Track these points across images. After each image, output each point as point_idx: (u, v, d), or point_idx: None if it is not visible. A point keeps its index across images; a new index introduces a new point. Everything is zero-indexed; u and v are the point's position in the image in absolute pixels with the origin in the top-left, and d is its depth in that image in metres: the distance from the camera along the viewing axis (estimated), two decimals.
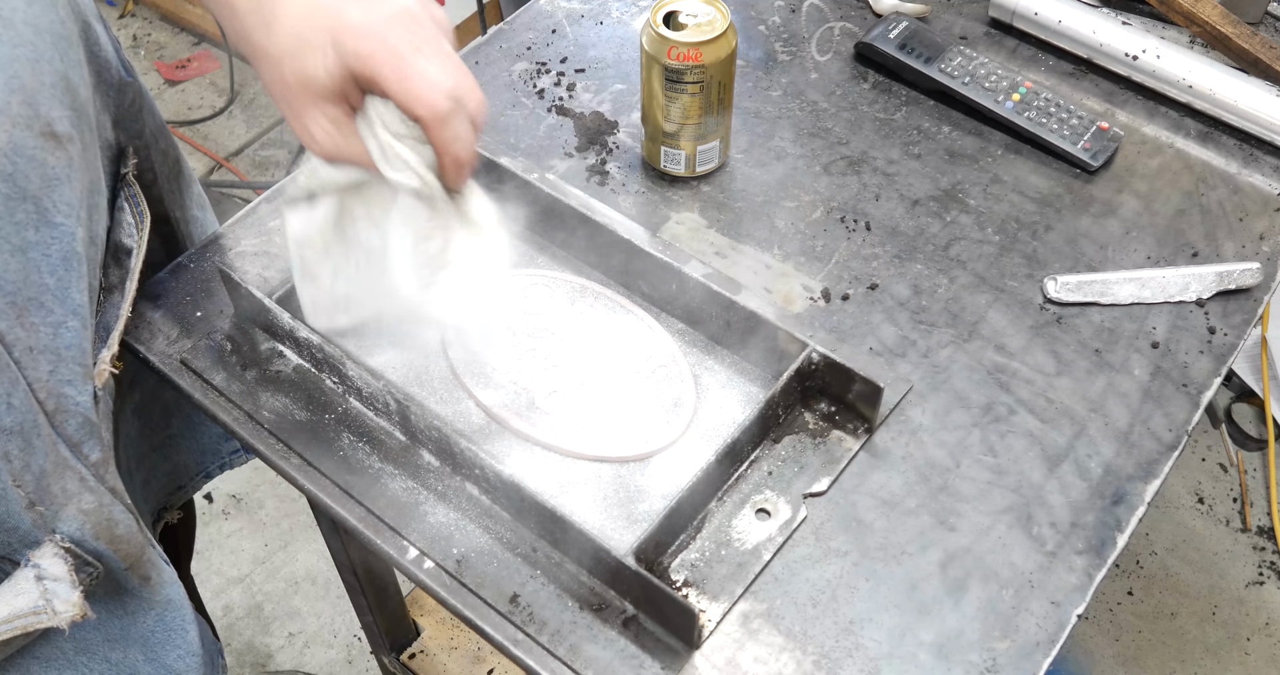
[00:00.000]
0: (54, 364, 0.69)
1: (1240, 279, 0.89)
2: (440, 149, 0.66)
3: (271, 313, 0.80)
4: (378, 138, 0.66)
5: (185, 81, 2.53)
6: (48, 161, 0.67)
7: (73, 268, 0.70)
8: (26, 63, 0.65)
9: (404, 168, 0.67)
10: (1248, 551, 1.79)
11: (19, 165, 0.64)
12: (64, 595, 0.69)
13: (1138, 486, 0.78)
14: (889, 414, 0.81)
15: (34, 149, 0.65)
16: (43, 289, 0.68)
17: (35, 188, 0.66)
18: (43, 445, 0.68)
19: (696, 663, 0.70)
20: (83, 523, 0.71)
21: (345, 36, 0.63)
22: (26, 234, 0.66)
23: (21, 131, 0.64)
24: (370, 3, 0.64)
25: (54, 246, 0.68)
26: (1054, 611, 0.73)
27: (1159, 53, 1.00)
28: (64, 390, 0.70)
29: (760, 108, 1.01)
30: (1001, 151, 0.98)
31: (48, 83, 0.67)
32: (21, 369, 0.66)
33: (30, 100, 0.65)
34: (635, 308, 0.86)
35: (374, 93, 0.65)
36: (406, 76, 0.63)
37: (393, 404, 0.77)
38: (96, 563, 0.73)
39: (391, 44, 0.63)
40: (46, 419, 0.68)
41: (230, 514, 1.85)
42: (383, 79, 0.63)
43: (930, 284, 0.89)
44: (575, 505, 0.76)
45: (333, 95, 0.65)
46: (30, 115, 0.65)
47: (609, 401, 0.82)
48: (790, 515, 0.76)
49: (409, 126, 0.65)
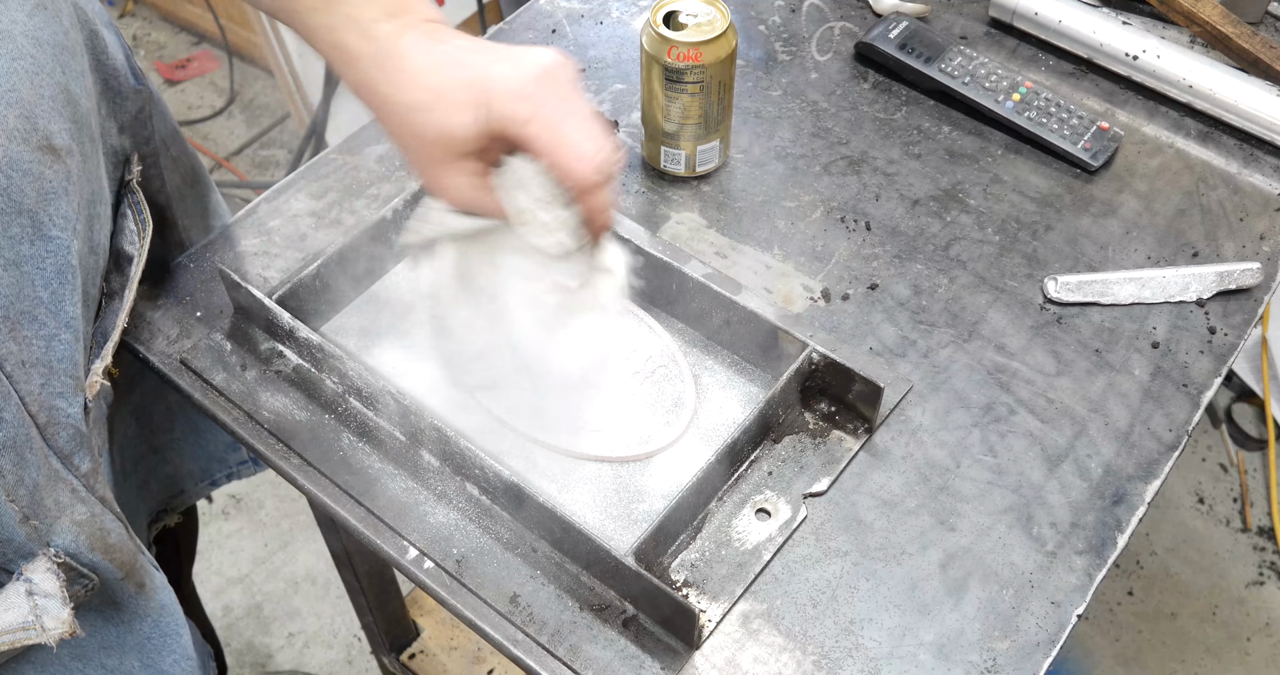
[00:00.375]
0: (46, 377, 0.68)
1: (1240, 279, 0.89)
2: (588, 216, 0.67)
3: (271, 313, 0.80)
4: (516, 202, 0.66)
5: (185, 81, 2.53)
6: (44, 175, 0.66)
7: (67, 281, 0.69)
8: (25, 75, 0.65)
9: (546, 234, 0.67)
10: (1248, 551, 1.79)
11: (14, 179, 0.64)
12: (54, 612, 0.69)
13: (1138, 486, 0.78)
14: (889, 414, 0.81)
15: (30, 163, 0.65)
16: (36, 303, 0.67)
17: (31, 202, 0.65)
18: (35, 459, 0.68)
19: (696, 663, 0.70)
20: (77, 534, 0.71)
21: (496, 98, 0.63)
22: (21, 248, 0.65)
23: (18, 145, 0.64)
24: (513, 58, 0.64)
25: (49, 260, 0.68)
26: (1054, 611, 0.73)
27: (1159, 53, 1.00)
28: (55, 403, 0.69)
29: (760, 108, 1.01)
30: (1001, 151, 0.98)
31: (47, 95, 0.67)
32: (14, 383, 0.66)
33: (28, 113, 0.65)
34: (635, 307, 0.86)
35: (517, 151, 0.65)
36: (560, 146, 0.63)
37: (393, 404, 0.77)
38: (92, 575, 0.73)
39: (546, 113, 0.63)
40: (38, 432, 0.68)
41: (230, 514, 1.85)
42: (537, 147, 0.63)
43: (930, 284, 0.89)
44: (575, 505, 0.76)
45: (474, 152, 0.65)
46: (28, 129, 0.65)
47: (609, 401, 0.82)
48: (790, 515, 0.76)
49: (553, 191, 0.66)
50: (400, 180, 0.95)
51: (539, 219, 0.67)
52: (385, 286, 0.88)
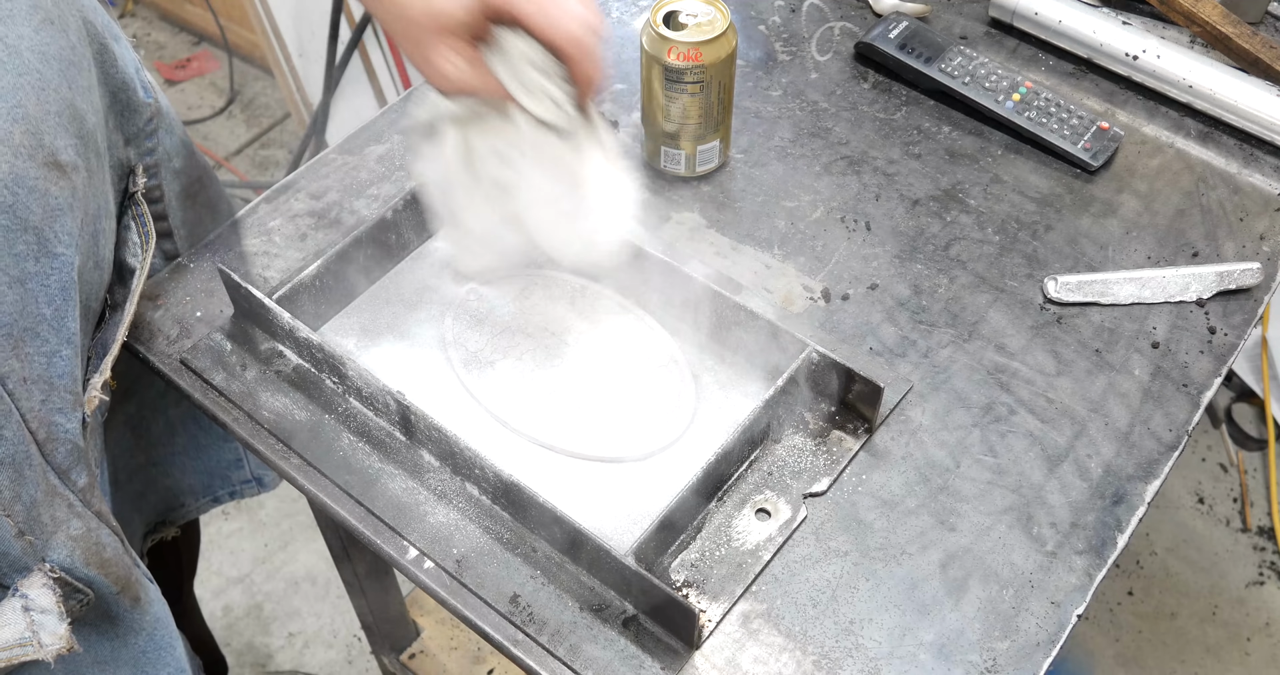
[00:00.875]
0: (46, 393, 0.68)
1: (1240, 279, 0.89)
2: (583, 79, 0.68)
3: (271, 313, 0.80)
4: (517, 72, 0.68)
5: (185, 81, 2.53)
6: (50, 192, 0.66)
7: (70, 297, 0.69)
8: (32, 92, 0.64)
9: (547, 100, 0.69)
10: (1248, 551, 1.79)
11: (20, 196, 0.63)
12: (51, 628, 0.68)
13: (1138, 486, 0.78)
14: (889, 414, 0.81)
15: (36, 179, 0.64)
16: (39, 320, 0.67)
17: (37, 219, 0.65)
18: (33, 475, 0.67)
19: (696, 663, 0.70)
20: (72, 549, 0.71)
21: None
22: (26, 265, 0.65)
23: (24, 162, 0.64)
24: None
25: (53, 277, 0.67)
26: (1054, 611, 0.73)
27: (1159, 53, 1.00)
28: (54, 419, 0.69)
29: (760, 108, 1.01)
30: (1001, 151, 0.98)
31: (53, 111, 0.66)
32: (15, 401, 0.65)
33: (34, 130, 0.64)
34: (635, 307, 0.86)
35: (507, 26, 0.66)
36: (549, 11, 0.64)
37: (393, 404, 0.77)
38: (88, 590, 0.72)
39: None
40: (38, 449, 0.68)
41: (230, 514, 1.85)
42: (525, 14, 0.64)
43: (930, 284, 0.89)
44: (575, 505, 0.76)
45: (464, 30, 0.66)
46: (34, 145, 0.64)
47: (609, 401, 0.82)
48: (790, 515, 0.76)
49: (549, 60, 0.67)
50: (400, 180, 0.95)
51: (533, 87, 0.68)
52: (385, 286, 0.88)
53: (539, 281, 0.88)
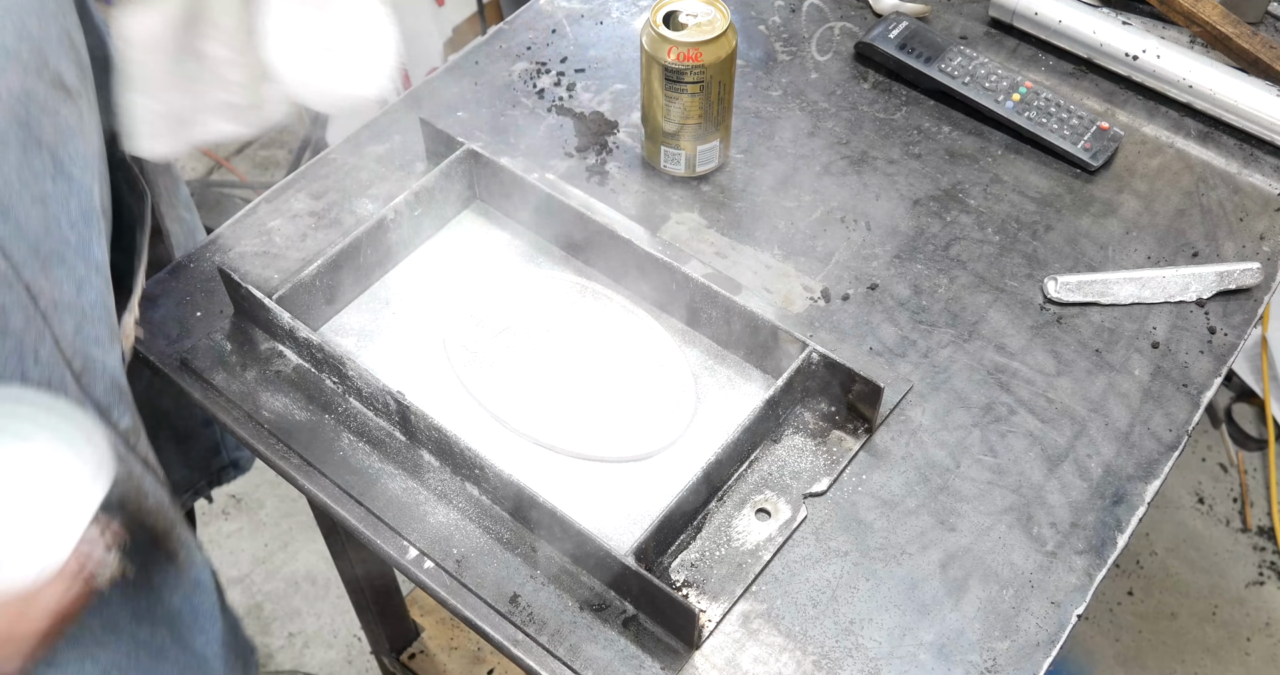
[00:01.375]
0: (79, 322, 0.68)
1: (1240, 279, 0.89)
2: None
3: (271, 313, 0.80)
4: None
5: None
6: (60, 112, 0.66)
7: (92, 224, 0.69)
8: (32, 12, 0.64)
9: None
10: (1248, 551, 1.79)
11: (33, 112, 0.63)
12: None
13: (1138, 486, 0.78)
14: (889, 414, 0.81)
15: (46, 97, 0.64)
16: (64, 243, 0.66)
17: (50, 137, 0.65)
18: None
19: (696, 663, 0.70)
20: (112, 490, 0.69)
21: None
22: (45, 185, 0.65)
23: (33, 79, 0.63)
24: None
25: (72, 201, 0.67)
26: (1054, 611, 0.73)
27: (1159, 53, 1.00)
28: (90, 351, 0.68)
29: (760, 108, 1.01)
30: (1001, 151, 0.98)
31: (54, 35, 0.66)
32: (48, 322, 0.65)
33: (38, 49, 0.64)
34: (635, 308, 0.86)
35: None
36: None
37: (393, 404, 0.77)
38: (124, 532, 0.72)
39: None
40: (74, 378, 0.67)
41: (230, 514, 1.85)
42: None
43: (930, 284, 0.89)
44: (575, 505, 0.76)
45: None
46: (40, 64, 0.64)
47: (609, 401, 0.82)
48: (790, 515, 0.76)
49: None
50: (400, 180, 0.95)
51: None
52: (385, 286, 0.88)
53: (539, 281, 0.88)
